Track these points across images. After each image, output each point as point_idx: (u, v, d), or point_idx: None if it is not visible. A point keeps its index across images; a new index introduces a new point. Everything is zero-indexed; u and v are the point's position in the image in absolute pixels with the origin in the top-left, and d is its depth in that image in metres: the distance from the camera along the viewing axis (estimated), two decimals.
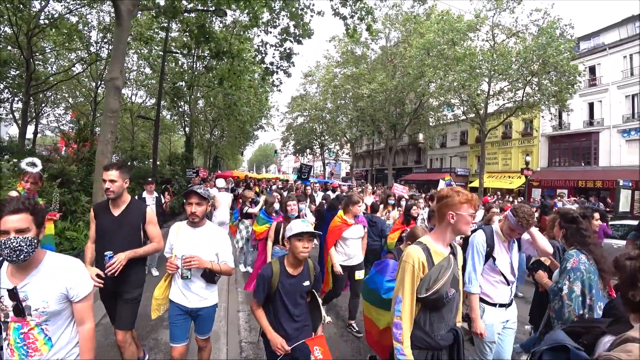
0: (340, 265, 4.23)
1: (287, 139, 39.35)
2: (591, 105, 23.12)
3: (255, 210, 6.50)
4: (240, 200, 8.22)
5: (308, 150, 38.73)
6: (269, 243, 4.44)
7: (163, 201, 7.00)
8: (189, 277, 2.56)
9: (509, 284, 2.73)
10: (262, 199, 6.96)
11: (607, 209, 14.08)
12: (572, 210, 3.17)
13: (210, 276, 2.67)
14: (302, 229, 2.22)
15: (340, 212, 4.44)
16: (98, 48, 16.33)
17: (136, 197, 5.48)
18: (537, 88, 19.41)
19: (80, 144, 9.03)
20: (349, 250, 4.30)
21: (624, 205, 14.46)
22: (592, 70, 23.09)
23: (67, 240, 5.72)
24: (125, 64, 18.04)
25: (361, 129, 30.24)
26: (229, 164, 46.95)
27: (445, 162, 32.63)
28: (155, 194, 6.28)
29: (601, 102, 22.55)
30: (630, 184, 16.78)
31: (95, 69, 18.22)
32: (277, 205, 5.86)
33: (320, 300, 2.49)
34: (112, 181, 2.67)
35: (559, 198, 13.22)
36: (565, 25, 18.36)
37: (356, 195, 4.57)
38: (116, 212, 2.78)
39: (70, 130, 16.91)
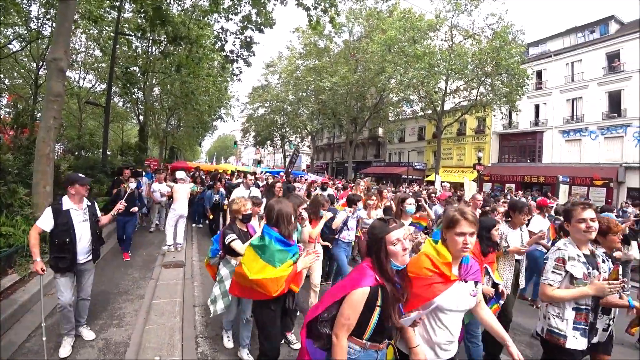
0: None
1: (248, 130, 38.62)
2: (537, 107, 24.87)
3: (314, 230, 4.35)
4: (225, 214, 7.51)
5: (269, 142, 38.26)
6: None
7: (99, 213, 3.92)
8: None
9: None
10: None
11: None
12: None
13: None
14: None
15: (429, 248, 2.07)
16: (39, 25, 14.89)
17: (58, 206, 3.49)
18: (490, 88, 20.51)
19: (18, 130, 8.26)
20: (442, 334, 2.00)
21: (562, 199, 15.77)
22: (539, 74, 24.79)
23: (2, 237, 5.21)
24: (71, 44, 16.72)
25: (322, 121, 30.38)
26: (187, 155, 45.26)
27: (404, 156, 33.66)
28: (87, 202, 3.66)
29: (546, 104, 24.33)
30: (568, 180, 18.37)
31: (36, 48, 16.62)
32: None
33: None
34: None
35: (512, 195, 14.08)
36: (517, 31, 19.52)
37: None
38: None
39: (7, 116, 15.37)
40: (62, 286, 3.41)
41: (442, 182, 13.55)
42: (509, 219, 4.11)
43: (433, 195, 9.23)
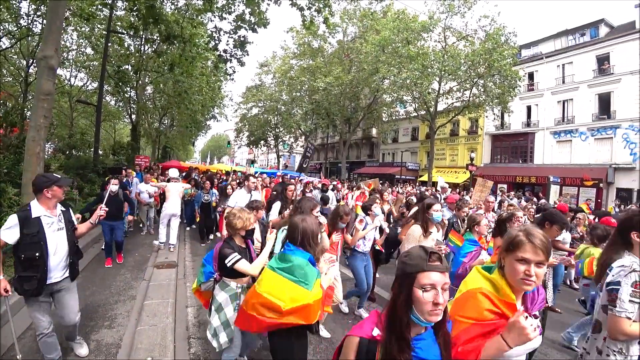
0: None
1: (241, 130, 38.46)
2: (529, 108, 25.14)
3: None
4: (225, 227, 6.15)
5: (262, 142, 38.18)
6: None
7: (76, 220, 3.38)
8: None
9: None
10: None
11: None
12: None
13: None
14: None
15: (483, 281, 1.61)
16: (30, 21, 14.67)
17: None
18: (482, 89, 20.69)
19: (8, 129, 8.14)
20: None
21: (553, 199, 15.99)
22: (530, 76, 25.06)
23: None
24: (62, 42, 16.50)
25: (316, 121, 30.39)
26: (180, 154, 44.93)
27: (397, 156, 33.81)
28: (61, 208, 3.08)
29: (537, 105, 24.61)
30: (559, 180, 18.62)
31: (26, 45, 16.38)
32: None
33: None
34: None
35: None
36: (510, 33, 19.71)
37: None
38: None
39: None
40: (35, 312, 2.90)
41: (439, 183, 13.35)
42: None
43: (438, 195, 8.99)
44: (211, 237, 8.88)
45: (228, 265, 2.72)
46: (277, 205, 5.15)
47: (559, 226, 3.33)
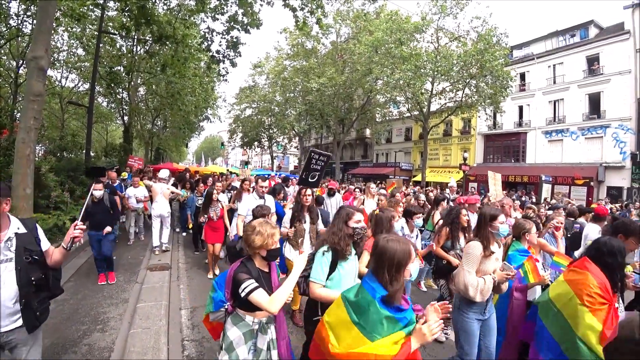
0: None
1: (235, 131, 38.30)
2: (521, 108, 25.41)
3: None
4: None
5: (256, 143, 38.08)
6: None
7: (47, 245, 2.49)
8: None
9: None
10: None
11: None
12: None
13: None
14: None
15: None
16: (19, 22, 14.49)
17: None
18: (475, 90, 20.86)
19: None
20: None
21: (547, 198, 16.16)
22: (522, 76, 25.34)
23: None
24: (52, 43, 16.31)
25: (309, 122, 30.36)
26: (173, 156, 44.63)
27: (391, 157, 33.92)
28: (17, 227, 2.26)
29: (529, 105, 24.88)
30: (550, 179, 18.85)
31: (16, 46, 16.18)
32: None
33: None
34: None
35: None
36: (501, 34, 19.89)
37: None
38: None
39: None
40: None
41: (449, 183, 12.79)
42: None
43: (448, 196, 8.55)
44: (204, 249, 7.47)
45: (242, 294, 2.11)
46: (288, 214, 4.49)
47: (636, 238, 3.04)
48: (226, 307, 2.31)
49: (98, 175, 4.30)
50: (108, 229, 5.23)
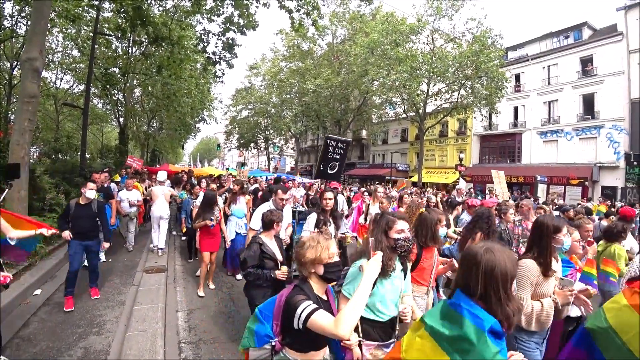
0: None
1: (231, 133, 38.22)
2: (516, 109, 25.58)
3: None
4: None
5: (252, 144, 38.01)
6: None
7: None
8: None
9: None
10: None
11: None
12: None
13: None
14: None
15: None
16: (14, 23, 14.39)
17: None
18: (470, 91, 20.96)
19: None
20: None
21: (540, 198, 16.24)
22: (517, 77, 25.52)
23: None
24: (47, 44, 16.22)
25: (306, 123, 30.35)
26: (169, 157, 44.48)
27: (387, 158, 34.01)
28: None
29: (524, 106, 25.05)
30: (546, 179, 18.97)
31: (10, 47, 16.07)
32: None
33: None
34: None
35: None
36: (496, 36, 20.01)
37: None
38: None
39: None
40: None
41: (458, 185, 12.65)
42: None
43: (457, 196, 8.20)
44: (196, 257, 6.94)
45: (301, 317, 1.66)
46: (312, 218, 4.10)
47: None
48: (273, 343, 1.86)
49: (13, 176, 3.63)
50: (106, 245, 5.02)
